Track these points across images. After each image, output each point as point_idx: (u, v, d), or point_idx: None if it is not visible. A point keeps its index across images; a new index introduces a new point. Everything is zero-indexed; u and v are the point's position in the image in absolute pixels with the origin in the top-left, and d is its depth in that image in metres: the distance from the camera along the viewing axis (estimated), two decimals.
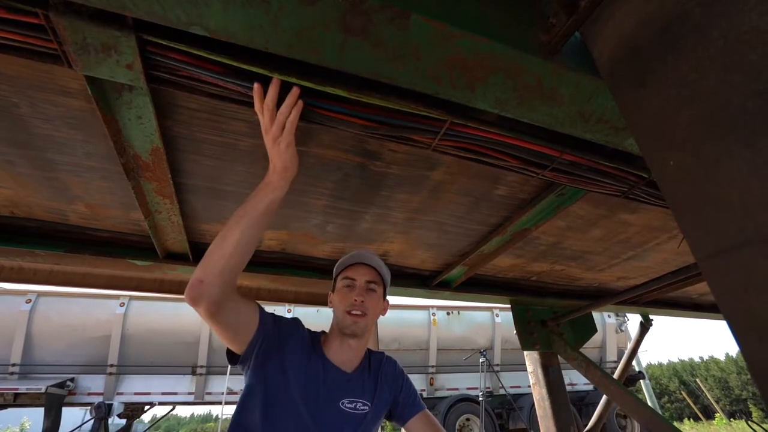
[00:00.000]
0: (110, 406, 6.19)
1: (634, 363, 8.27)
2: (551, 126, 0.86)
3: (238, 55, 0.74)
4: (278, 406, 1.03)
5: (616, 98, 0.68)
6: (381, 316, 1.26)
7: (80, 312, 6.52)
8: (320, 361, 1.12)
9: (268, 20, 0.63)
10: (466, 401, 7.58)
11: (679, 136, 0.57)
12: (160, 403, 6.71)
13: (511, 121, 0.93)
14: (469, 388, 7.81)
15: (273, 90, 0.77)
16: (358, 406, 1.12)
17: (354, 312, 1.13)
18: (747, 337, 0.48)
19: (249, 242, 0.94)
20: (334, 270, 1.26)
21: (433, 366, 7.90)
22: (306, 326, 1.20)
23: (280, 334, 1.09)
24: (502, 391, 7.48)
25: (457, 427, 7.33)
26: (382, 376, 1.22)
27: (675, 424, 1.93)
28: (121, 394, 6.46)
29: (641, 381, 9.08)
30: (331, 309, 1.20)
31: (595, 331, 2.72)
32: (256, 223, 0.93)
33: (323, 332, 1.23)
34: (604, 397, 3.09)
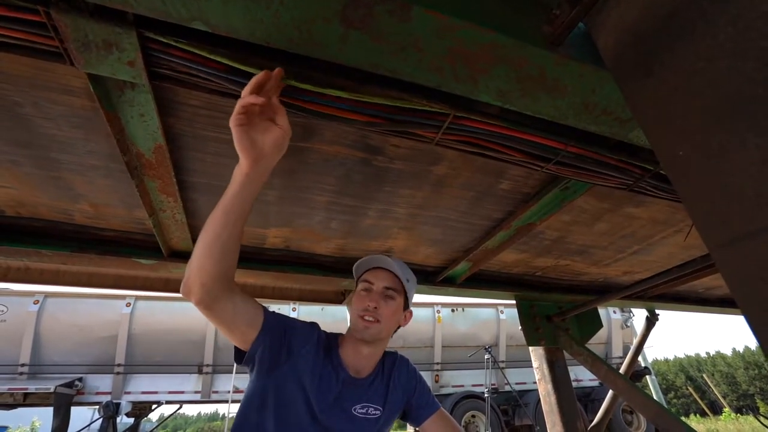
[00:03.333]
0: (118, 405, 6.25)
1: (640, 358, 8.23)
2: (555, 118, 0.85)
3: (240, 50, 0.74)
4: (285, 415, 1.01)
5: (622, 89, 0.67)
6: (403, 326, 1.21)
7: (87, 312, 6.58)
8: (334, 367, 1.09)
9: (269, 14, 0.62)
10: (472, 398, 7.58)
11: (689, 125, 0.56)
12: (167, 402, 6.77)
13: (514, 113, 0.92)
14: (474, 385, 7.81)
15: (256, 78, 0.71)
16: (370, 411, 1.10)
17: (367, 318, 1.09)
18: (765, 328, 0.47)
19: (218, 242, 0.86)
20: (354, 271, 1.22)
21: (438, 363, 7.90)
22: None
23: (291, 341, 1.06)
24: (507, 388, 7.47)
25: (462, 423, 7.34)
26: (395, 378, 1.19)
27: (681, 419, 1.91)
28: (129, 393, 6.52)
29: (647, 376, 9.04)
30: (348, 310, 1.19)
31: (601, 326, 2.70)
32: (221, 222, 0.85)
33: (341, 335, 1.20)
34: (611, 392, 3.08)
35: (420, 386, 1.24)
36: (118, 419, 6.41)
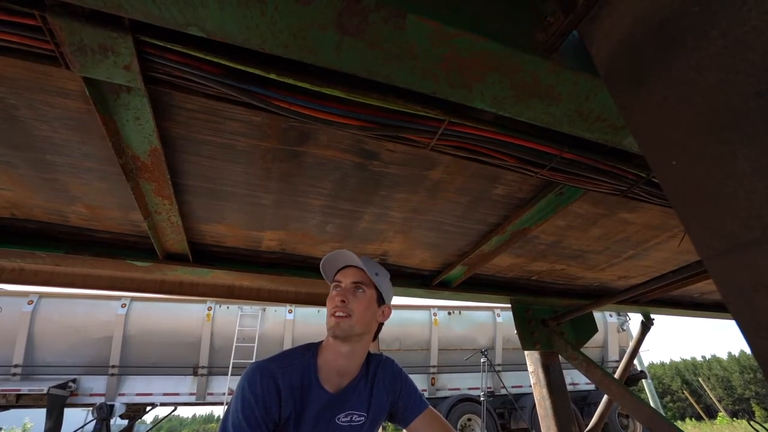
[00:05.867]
0: (112, 406, 6.21)
1: (635, 362, 8.25)
2: (549, 125, 0.85)
3: (235, 55, 0.74)
4: None
5: (614, 97, 0.68)
6: (382, 321, 1.18)
7: (82, 313, 6.53)
8: (312, 385, 1.06)
9: (264, 21, 0.63)
10: (468, 401, 7.57)
11: (681, 135, 0.57)
12: (162, 404, 6.72)
13: (508, 120, 0.93)
14: (470, 388, 7.80)
15: None
16: (354, 418, 1.10)
17: (337, 314, 1.07)
18: (757, 337, 0.48)
19: None
20: (324, 275, 1.21)
21: (434, 366, 7.89)
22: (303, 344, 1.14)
23: (278, 413, 1.02)
24: (503, 391, 7.47)
25: (458, 427, 7.33)
26: (378, 381, 1.17)
27: (677, 423, 1.92)
28: (123, 394, 6.47)
29: (643, 380, 9.06)
30: None
31: (596, 330, 2.71)
32: None
33: (321, 342, 1.16)
34: (606, 396, 3.08)
35: (405, 386, 1.22)
36: (112, 421, 6.36)
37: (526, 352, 2.68)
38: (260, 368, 1.03)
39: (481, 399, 6.29)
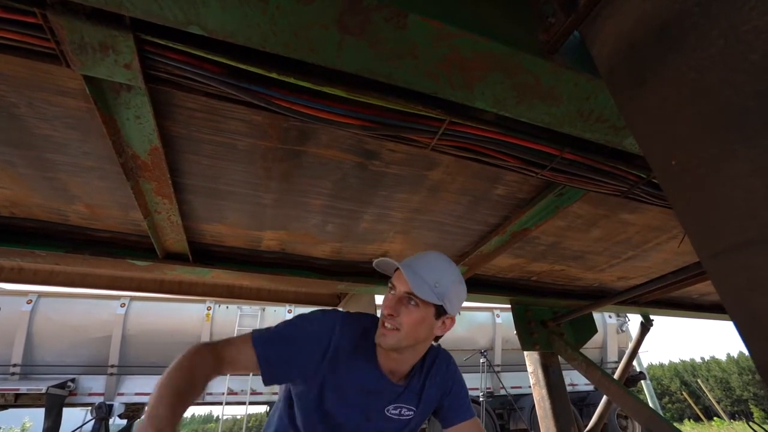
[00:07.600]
0: (111, 406, 6.20)
1: (635, 363, 8.25)
2: (550, 125, 0.85)
3: (236, 54, 0.74)
4: (314, 421, 1.02)
5: (615, 98, 0.68)
6: (440, 334, 1.07)
7: (81, 312, 6.52)
8: (367, 370, 1.04)
9: (266, 20, 0.62)
10: None
11: (680, 135, 0.57)
12: None
13: (510, 120, 0.92)
14: (469, 389, 7.76)
15: None
16: (403, 412, 1.08)
17: (386, 324, 0.99)
18: (754, 337, 0.48)
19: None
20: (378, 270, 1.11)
21: None
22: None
23: (327, 364, 1.00)
24: (502, 392, 7.46)
25: None
26: (431, 377, 1.13)
27: (676, 424, 1.92)
28: (122, 394, 6.46)
29: (642, 381, 9.07)
30: None
31: (596, 331, 2.71)
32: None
33: None
34: (605, 397, 3.08)
35: (456, 388, 1.18)
36: (111, 421, 6.35)
37: (525, 353, 2.68)
38: (329, 313, 1.08)
39: (481, 399, 6.29)
